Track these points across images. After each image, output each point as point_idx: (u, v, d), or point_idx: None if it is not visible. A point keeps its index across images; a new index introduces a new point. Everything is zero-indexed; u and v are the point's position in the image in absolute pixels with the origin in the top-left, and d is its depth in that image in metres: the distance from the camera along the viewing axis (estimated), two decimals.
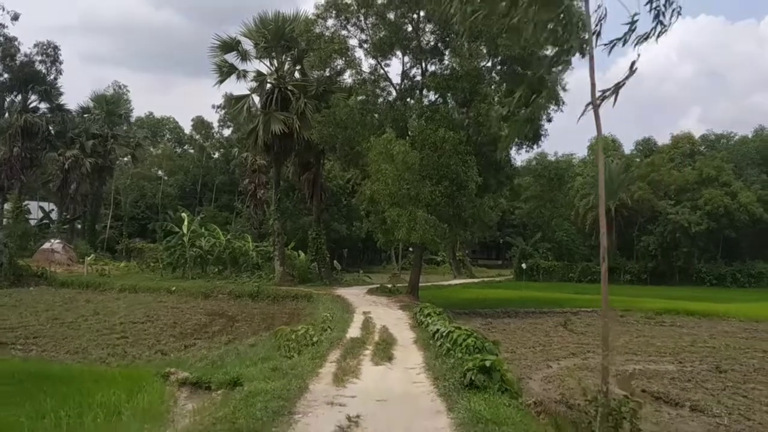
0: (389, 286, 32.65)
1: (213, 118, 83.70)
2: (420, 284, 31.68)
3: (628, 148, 69.19)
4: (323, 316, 17.56)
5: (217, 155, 72.22)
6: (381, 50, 26.85)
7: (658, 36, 6.43)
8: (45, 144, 42.86)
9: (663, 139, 66.91)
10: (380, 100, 28.87)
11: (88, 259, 36.82)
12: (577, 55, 24.38)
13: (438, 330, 12.78)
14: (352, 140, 27.38)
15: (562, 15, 6.79)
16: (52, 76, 42.92)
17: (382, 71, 28.41)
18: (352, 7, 27.26)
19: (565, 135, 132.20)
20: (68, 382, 8.56)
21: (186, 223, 35.45)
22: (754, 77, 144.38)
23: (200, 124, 71.77)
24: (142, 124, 69.36)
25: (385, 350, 11.89)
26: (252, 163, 54.46)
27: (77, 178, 44.40)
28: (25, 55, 41.86)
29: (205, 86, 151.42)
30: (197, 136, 72.41)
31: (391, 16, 26.50)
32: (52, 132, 42.84)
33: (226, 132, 73.15)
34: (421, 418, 7.15)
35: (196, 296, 28.89)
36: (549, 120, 29.97)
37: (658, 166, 57.47)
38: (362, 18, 27.49)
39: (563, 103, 28.78)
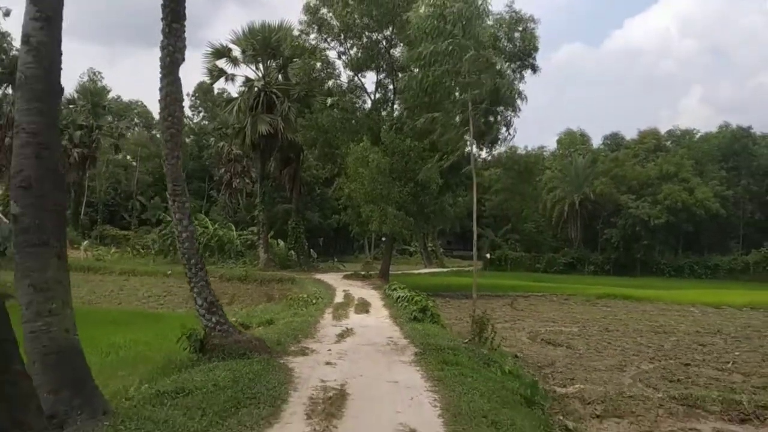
0: (362, 272, 39.96)
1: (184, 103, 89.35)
2: (391, 272, 39.02)
3: (596, 142, 77.36)
4: (312, 291, 24.79)
5: (188, 141, 78.25)
6: (357, 68, 33.98)
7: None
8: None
9: (632, 133, 75.25)
10: (357, 105, 36.05)
11: (84, 244, 43.33)
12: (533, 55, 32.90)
13: (400, 296, 20.15)
14: (332, 143, 34.56)
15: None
16: None
17: (359, 82, 35.63)
18: (333, 26, 34.22)
19: (539, 124, 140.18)
20: (171, 319, 15.60)
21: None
22: (761, 55, 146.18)
23: None
24: (110, 109, 74.92)
25: (363, 308, 19.24)
26: (228, 153, 61.03)
27: (65, 168, 50.33)
28: (18, 50, 47.54)
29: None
30: None
31: (365, 38, 33.50)
32: None
33: (196, 118, 79.40)
34: (385, 331, 14.47)
35: None
36: (506, 125, 37.83)
37: (622, 161, 65.74)
38: (342, 36, 34.49)
39: (520, 110, 36.61)
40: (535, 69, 36.28)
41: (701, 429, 10.17)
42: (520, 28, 35.52)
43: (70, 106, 53.35)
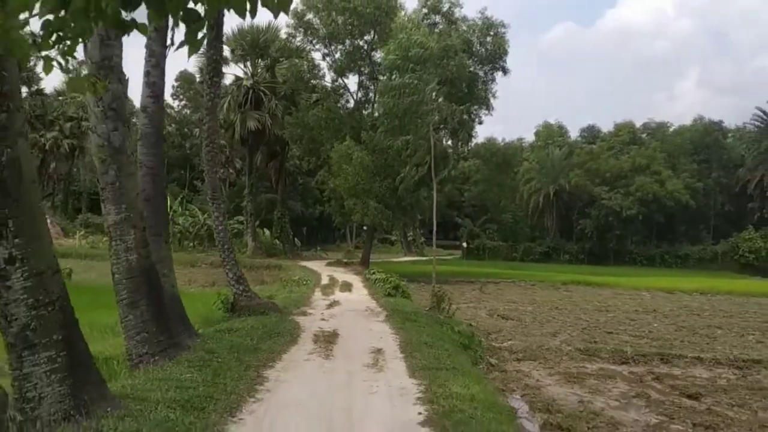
0: (345, 260, 44.61)
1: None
2: (372, 260, 43.67)
3: (574, 133, 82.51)
4: (301, 275, 29.37)
5: (171, 129, 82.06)
6: (340, 71, 38.48)
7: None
8: (27, 127, 52.48)
9: (609, 125, 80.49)
10: (340, 105, 40.55)
11: (80, 233, 47.50)
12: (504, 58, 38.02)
13: (378, 278, 24.83)
14: (316, 139, 39.09)
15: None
16: (31, 63, 52.46)
17: (342, 83, 40.17)
18: (318, 30, 38.59)
19: (527, 107, 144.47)
20: (187, 295, 20.08)
21: (168, 203, 46.47)
22: (761, 36, 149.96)
23: None
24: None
25: (346, 287, 23.93)
26: None
27: (56, 158, 54.63)
28: None
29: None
30: None
31: (348, 43, 37.94)
32: (34, 115, 52.67)
33: (178, 107, 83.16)
34: (364, 303, 19.15)
35: (185, 265, 39.91)
36: (480, 123, 42.86)
37: (597, 154, 70.85)
38: (327, 39, 38.87)
39: (493, 108, 41.64)
40: (505, 71, 41.07)
41: (589, 367, 14.92)
42: (492, 33, 40.18)
43: (60, 98, 57.16)
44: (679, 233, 73.86)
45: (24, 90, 53.39)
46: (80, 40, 3.36)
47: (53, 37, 3.32)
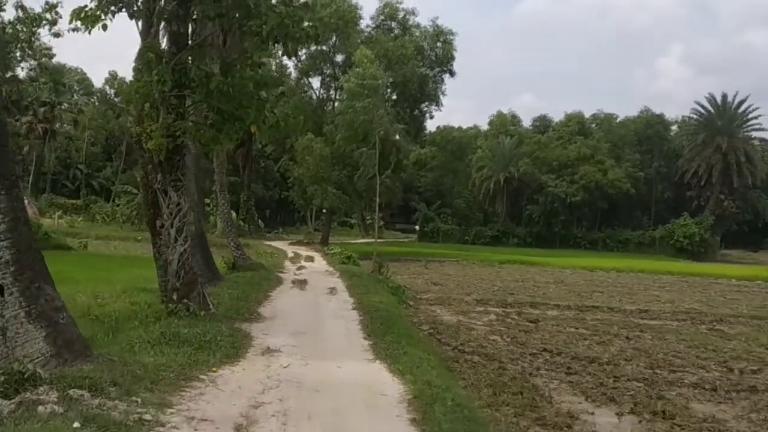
0: (305, 240, 52.66)
1: (127, 72, 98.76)
2: (331, 242, 51.75)
3: (527, 122, 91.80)
4: (270, 251, 37.37)
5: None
6: (304, 72, 46.36)
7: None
8: (3, 112, 58.61)
9: (559, 115, 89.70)
10: (305, 100, 48.39)
11: (57, 213, 54.36)
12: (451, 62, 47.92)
13: (335, 252, 33.01)
14: (281, 130, 46.94)
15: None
16: (7, 50, 58.60)
17: (306, 81, 48.04)
18: None
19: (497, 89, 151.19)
20: None
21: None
22: (747, 10, 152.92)
23: (114, 79, 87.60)
24: (69, 86, 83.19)
25: (309, 259, 32.12)
26: None
27: (30, 142, 61.14)
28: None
29: None
30: (111, 91, 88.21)
31: (313, 48, 45.78)
32: (9, 100, 58.85)
33: None
34: (324, 268, 27.44)
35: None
36: (431, 117, 51.29)
37: (545, 144, 79.84)
38: None
39: (442, 105, 50.14)
40: (452, 74, 49.47)
41: (477, 309, 23.26)
42: (441, 40, 48.46)
43: (34, 83, 63.35)
44: (622, 219, 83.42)
45: None
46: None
47: None
